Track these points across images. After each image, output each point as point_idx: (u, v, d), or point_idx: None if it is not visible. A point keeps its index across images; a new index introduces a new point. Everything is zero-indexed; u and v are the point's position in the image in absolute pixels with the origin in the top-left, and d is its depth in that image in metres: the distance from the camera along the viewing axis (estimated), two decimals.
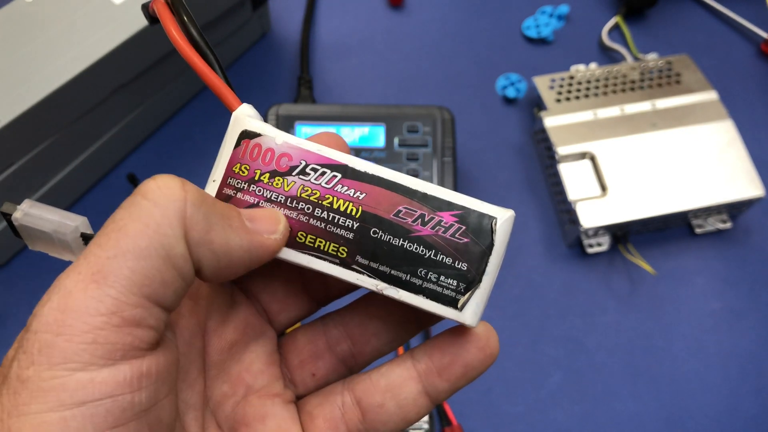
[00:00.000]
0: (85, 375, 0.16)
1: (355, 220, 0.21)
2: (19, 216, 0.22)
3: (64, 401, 0.15)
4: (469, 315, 0.20)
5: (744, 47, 0.61)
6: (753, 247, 0.52)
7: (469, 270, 0.20)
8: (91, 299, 0.16)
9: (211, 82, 0.21)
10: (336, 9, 0.62)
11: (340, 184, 0.21)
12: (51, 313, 0.16)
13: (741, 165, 0.50)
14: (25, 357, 0.16)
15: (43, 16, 0.46)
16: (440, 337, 0.22)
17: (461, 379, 0.22)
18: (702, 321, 0.49)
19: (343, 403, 0.22)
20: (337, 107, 0.49)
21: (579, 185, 0.49)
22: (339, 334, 0.24)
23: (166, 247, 0.17)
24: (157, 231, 0.17)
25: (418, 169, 0.47)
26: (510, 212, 0.21)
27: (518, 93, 0.57)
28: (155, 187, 0.17)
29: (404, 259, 0.20)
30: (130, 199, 0.18)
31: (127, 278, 0.16)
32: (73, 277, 0.17)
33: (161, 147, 0.54)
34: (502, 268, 0.21)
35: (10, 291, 0.48)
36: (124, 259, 0.16)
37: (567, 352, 0.48)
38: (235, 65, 0.58)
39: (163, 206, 0.17)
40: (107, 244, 0.17)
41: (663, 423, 0.46)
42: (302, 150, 0.21)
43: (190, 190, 0.18)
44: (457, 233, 0.20)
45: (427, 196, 0.21)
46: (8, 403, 0.16)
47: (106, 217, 0.18)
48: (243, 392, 0.23)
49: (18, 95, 0.42)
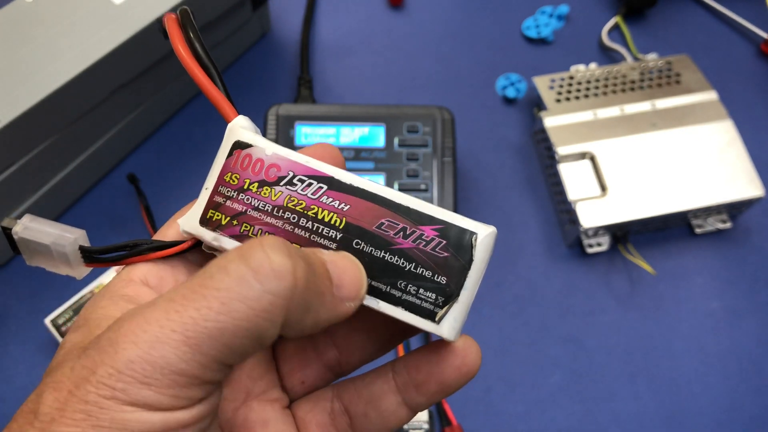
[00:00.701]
0: (162, 415, 0.17)
1: (338, 230, 0.21)
2: (20, 230, 0.22)
3: (142, 430, 0.17)
4: (446, 328, 0.21)
5: (744, 47, 0.61)
6: (753, 247, 0.52)
7: (448, 284, 0.21)
8: (181, 362, 0.17)
9: (210, 93, 0.22)
10: (336, 9, 0.62)
11: (325, 196, 0.21)
12: (139, 361, 0.17)
13: (741, 165, 0.50)
14: (106, 389, 0.17)
15: (44, 16, 0.46)
16: (420, 352, 0.22)
17: (438, 395, 0.22)
18: (702, 321, 0.49)
19: (333, 410, 0.23)
20: (337, 107, 0.49)
21: (579, 185, 0.50)
22: (325, 342, 0.24)
23: (262, 331, 0.18)
24: (260, 317, 0.17)
25: (418, 169, 0.47)
26: (491, 229, 0.21)
27: (518, 93, 0.57)
28: (269, 267, 0.17)
29: (385, 270, 0.21)
30: (238, 267, 0.17)
31: (218, 352, 0.17)
32: (167, 332, 0.17)
33: (161, 147, 0.54)
34: (503, 267, 0.21)
35: (10, 291, 0.48)
36: (221, 335, 0.17)
37: (567, 352, 0.48)
38: (235, 65, 0.58)
39: (273, 293, 0.17)
40: (208, 314, 0.17)
41: (662, 422, 0.46)
42: (290, 161, 0.22)
43: (300, 276, 0.18)
44: (437, 247, 0.21)
45: (409, 210, 0.21)
46: (83, 422, 0.17)
47: (106, 217, 0.18)
48: (243, 397, 0.23)
49: (18, 95, 0.43)
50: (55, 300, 0.47)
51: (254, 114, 0.53)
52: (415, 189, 0.47)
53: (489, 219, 0.52)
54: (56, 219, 0.50)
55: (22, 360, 0.46)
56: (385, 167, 0.48)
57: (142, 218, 0.50)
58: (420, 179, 0.47)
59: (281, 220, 0.21)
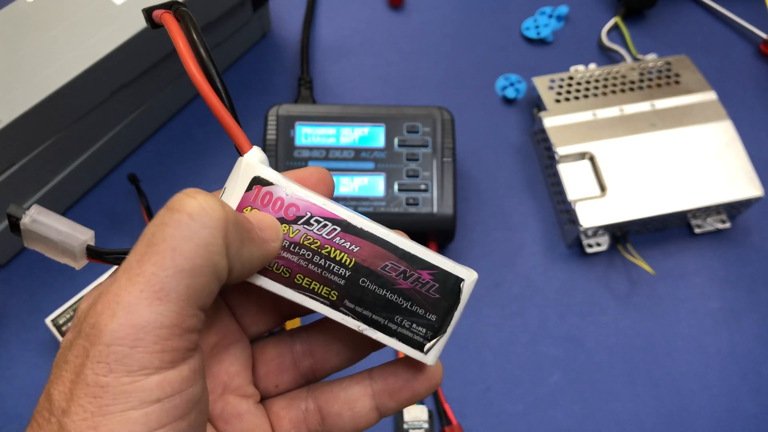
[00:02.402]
0: (158, 377, 0.19)
1: (347, 269, 0.24)
2: (28, 222, 0.23)
3: (145, 399, 0.18)
4: (431, 358, 0.24)
5: (743, 48, 0.61)
6: (752, 247, 0.52)
7: (437, 321, 0.24)
8: (158, 315, 0.19)
9: (225, 122, 0.23)
10: (336, 9, 0.62)
11: (338, 237, 0.24)
12: (122, 329, 0.18)
13: (740, 165, 0.50)
14: (102, 366, 0.18)
15: (45, 17, 0.46)
16: (397, 364, 0.26)
17: (407, 402, 0.26)
18: (701, 321, 0.49)
19: (306, 408, 0.26)
20: (337, 107, 0.49)
21: (578, 185, 0.50)
22: (303, 351, 0.27)
23: (215, 264, 0.20)
24: (207, 250, 0.19)
25: (418, 170, 0.47)
26: (474, 275, 0.24)
27: (518, 93, 0.57)
28: (199, 207, 0.20)
29: (386, 306, 0.24)
30: (173, 216, 0.20)
31: (185, 294, 0.19)
32: (136, 294, 0.19)
33: (162, 147, 0.54)
34: (503, 267, 0.21)
35: (10, 291, 0.48)
36: (182, 277, 0.19)
37: (566, 352, 0.48)
38: (235, 65, 0.58)
39: (210, 226, 0.19)
40: (164, 263, 0.19)
41: (662, 422, 0.46)
42: (309, 203, 0.24)
43: (229, 211, 0.20)
44: (431, 289, 0.24)
45: (411, 255, 0.24)
46: (90, 405, 0.18)
47: (107, 217, 0.18)
48: (221, 390, 0.25)
49: (19, 95, 0.43)
50: (55, 300, 0.47)
51: (254, 114, 0.53)
52: (415, 189, 0.47)
53: (489, 219, 0.52)
54: None
55: (22, 360, 0.46)
56: (385, 167, 0.48)
57: (142, 218, 0.50)
58: (420, 179, 0.47)
59: (296, 256, 0.23)
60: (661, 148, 0.50)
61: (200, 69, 0.22)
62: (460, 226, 0.51)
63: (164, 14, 0.23)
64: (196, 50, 0.22)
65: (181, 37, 0.22)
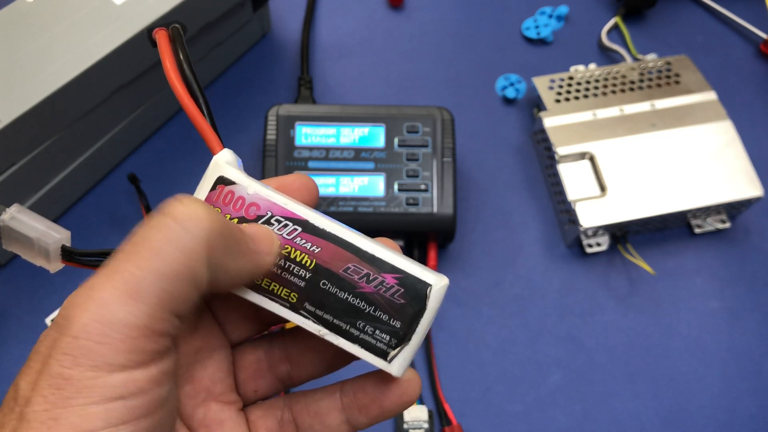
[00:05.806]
0: (123, 375, 0.19)
1: (308, 270, 0.23)
2: (6, 218, 0.23)
3: (107, 396, 0.18)
4: (395, 367, 0.23)
5: (743, 48, 0.61)
6: (752, 247, 0.52)
7: (401, 328, 0.23)
8: (129, 314, 0.19)
9: (198, 124, 0.23)
10: (336, 9, 0.62)
11: (299, 237, 0.23)
12: (91, 323, 0.18)
13: (740, 165, 0.50)
14: (67, 358, 0.18)
15: (45, 17, 0.46)
16: (368, 378, 0.25)
17: (378, 418, 0.25)
18: (701, 321, 0.49)
19: (282, 418, 0.26)
20: (337, 107, 0.49)
21: (578, 185, 0.50)
22: (281, 356, 0.26)
23: (193, 271, 0.19)
24: (187, 256, 0.19)
25: (417, 170, 0.47)
26: (445, 281, 0.23)
27: (518, 93, 0.57)
28: (186, 212, 0.20)
29: (347, 311, 0.23)
30: (161, 219, 0.20)
31: (159, 297, 0.19)
32: (110, 290, 0.19)
33: (161, 147, 0.54)
34: (503, 267, 0.21)
35: (10, 291, 0.48)
36: (158, 280, 0.19)
37: (566, 352, 0.48)
38: (235, 65, 0.58)
39: (194, 233, 0.19)
40: (142, 264, 0.19)
41: (662, 422, 0.46)
42: (270, 202, 0.23)
43: (215, 218, 0.20)
44: (396, 294, 0.23)
45: (374, 258, 0.23)
46: (52, 396, 0.18)
47: (107, 217, 0.18)
48: (204, 396, 0.25)
49: (19, 95, 0.43)
50: (55, 300, 0.47)
51: (254, 114, 0.53)
52: (415, 189, 0.47)
53: (489, 219, 0.52)
54: (57, 219, 0.50)
55: (23, 360, 0.46)
56: (385, 167, 0.48)
57: (142, 218, 0.50)
58: (420, 179, 0.47)
59: None
60: (661, 148, 0.50)
61: (178, 72, 0.23)
62: (460, 226, 0.51)
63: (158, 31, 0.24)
64: (176, 54, 0.23)
65: (161, 32, 0.23)
